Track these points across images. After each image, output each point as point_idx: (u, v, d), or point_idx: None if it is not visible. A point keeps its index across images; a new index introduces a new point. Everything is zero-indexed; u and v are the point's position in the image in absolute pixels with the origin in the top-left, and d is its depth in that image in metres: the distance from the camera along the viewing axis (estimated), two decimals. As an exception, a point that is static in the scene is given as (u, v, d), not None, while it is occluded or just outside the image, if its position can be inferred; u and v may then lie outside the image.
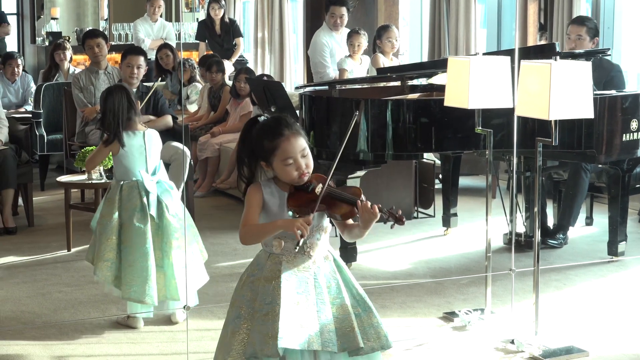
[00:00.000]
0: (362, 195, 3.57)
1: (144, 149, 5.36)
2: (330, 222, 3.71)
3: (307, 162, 3.58)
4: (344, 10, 9.28)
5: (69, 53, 10.55)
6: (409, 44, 11.63)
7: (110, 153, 5.40)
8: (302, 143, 3.59)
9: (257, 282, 3.62)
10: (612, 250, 6.65)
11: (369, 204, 3.51)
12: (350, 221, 3.66)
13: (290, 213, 3.57)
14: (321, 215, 3.63)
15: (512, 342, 5.01)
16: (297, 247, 3.52)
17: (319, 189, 3.54)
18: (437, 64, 7.65)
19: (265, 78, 8.89)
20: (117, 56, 10.00)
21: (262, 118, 3.70)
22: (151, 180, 5.32)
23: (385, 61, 9.02)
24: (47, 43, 13.50)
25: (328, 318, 3.59)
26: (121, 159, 5.35)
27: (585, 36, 7.06)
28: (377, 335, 3.65)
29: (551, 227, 7.13)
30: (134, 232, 5.22)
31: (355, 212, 3.56)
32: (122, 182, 5.34)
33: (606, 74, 6.92)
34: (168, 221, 5.26)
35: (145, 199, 5.26)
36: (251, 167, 3.68)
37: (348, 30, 9.32)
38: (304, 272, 3.62)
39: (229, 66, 10.62)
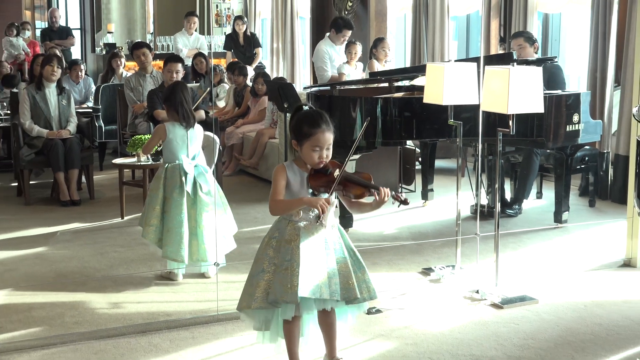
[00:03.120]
0: (372, 180, 3.66)
1: (187, 139, 5.34)
2: (337, 198, 3.75)
3: (328, 154, 3.67)
4: (350, 32, 9.32)
5: (123, 60, 10.56)
6: (394, 52, 11.57)
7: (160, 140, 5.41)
8: (330, 138, 3.67)
9: (278, 243, 3.69)
10: (558, 218, 6.67)
11: (383, 192, 3.57)
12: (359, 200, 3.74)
13: (310, 190, 3.65)
14: (331, 194, 3.68)
15: (477, 292, 5.02)
16: (319, 221, 3.61)
17: (336, 173, 3.61)
18: (417, 69, 7.63)
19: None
20: (161, 63, 9.97)
21: (305, 107, 3.76)
22: (190, 163, 5.32)
23: (378, 66, 9.04)
24: (104, 52, 13.48)
25: (334, 273, 3.67)
26: (168, 145, 5.36)
27: (525, 44, 7.11)
28: (368, 289, 3.76)
29: (509, 200, 7.13)
30: (173, 204, 5.25)
31: (366, 194, 3.62)
32: (167, 164, 5.35)
33: (548, 71, 6.91)
34: (201, 198, 5.27)
35: (183, 178, 5.27)
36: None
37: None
38: (318, 236, 3.68)
39: (250, 71, 10.60)
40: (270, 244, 3.71)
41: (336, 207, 3.78)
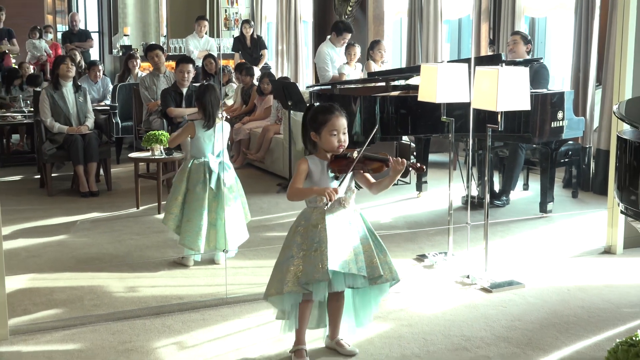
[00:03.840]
0: (388, 155, 3.69)
1: (213, 137, 5.31)
2: (356, 185, 3.77)
3: (345, 138, 3.71)
4: (350, 35, 9.31)
5: (138, 61, 10.54)
6: (391, 54, 11.55)
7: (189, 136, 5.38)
8: (344, 123, 3.72)
9: (305, 229, 3.69)
10: (543, 208, 6.66)
11: (399, 159, 3.63)
12: (372, 180, 3.77)
13: (332, 174, 3.68)
14: (351, 180, 3.72)
15: (468, 277, 5.02)
16: (326, 206, 3.63)
17: (355, 154, 3.66)
18: (412, 69, 7.61)
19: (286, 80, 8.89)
20: (174, 63, 9.94)
21: (316, 104, 3.79)
22: (215, 161, 5.30)
23: (375, 67, 9.02)
24: (120, 54, 13.45)
25: (359, 251, 3.69)
26: (195, 142, 5.32)
27: (519, 41, 7.10)
28: (390, 270, 3.78)
29: (497, 191, 7.12)
30: (195, 197, 5.23)
31: (384, 168, 3.65)
32: (193, 159, 5.32)
33: (533, 68, 6.90)
34: (223, 192, 5.24)
35: (207, 175, 5.25)
36: (305, 140, 3.77)
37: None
38: (342, 218, 3.71)
39: (256, 71, 10.58)
40: (298, 232, 3.71)
41: (353, 191, 3.78)
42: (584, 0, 7.50)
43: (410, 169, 3.66)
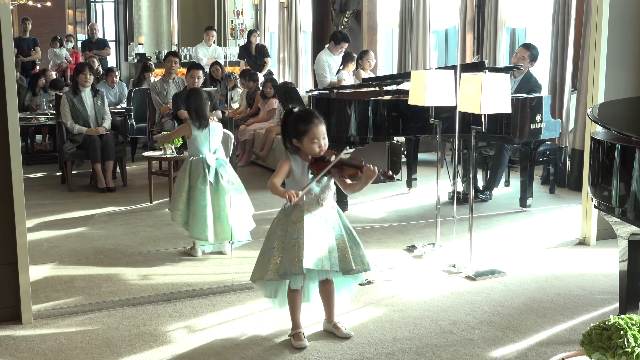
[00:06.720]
0: (363, 162, 3.66)
1: (209, 136, 5.30)
2: (335, 183, 3.73)
3: (325, 143, 3.68)
4: (347, 44, 9.29)
5: (152, 72, 10.52)
6: (384, 61, 11.51)
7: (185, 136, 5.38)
8: (324, 130, 3.68)
9: (286, 224, 3.70)
10: (523, 203, 6.65)
11: (371, 166, 3.59)
12: (349, 181, 3.73)
13: (311, 175, 3.67)
14: (330, 179, 3.70)
15: (454, 266, 5.01)
16: (285, 206, 3.67)
17: (332, 158, 3.63)
18: (403, 75, 7.59)
19: (290, 85, 8.86)
20: (184, 70, 9.91)
21: (296, 109, 3.73)
22: (212, 157, 5.28)
23: (364, 74, 9.00)
24: (135, 61, 13.42)
25: (333, 248, 3.69)
26: (193, 141, 5.31)
27: (527, 58, 6.95)
28: (362, 262, 3.77)
29: (481, 188, 7.11)
30: (198, 192, 5.20)
31: (359, 174, 3.62)
32: (192, 157, 5.30)
33: (532, 86, 6.86)
34: (222, 185, 5.22)
35: (206, 170, 5.22)
36: (286, 142, 3.72)
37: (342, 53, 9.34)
38: (319, 217, 3.69)
39: (260, 77, 10.55)
40: (279, 225, 3.72)
41: (334, 192, 3.78)
42: (560, 12, 7.49)
43: (382, 177, 3.63)
